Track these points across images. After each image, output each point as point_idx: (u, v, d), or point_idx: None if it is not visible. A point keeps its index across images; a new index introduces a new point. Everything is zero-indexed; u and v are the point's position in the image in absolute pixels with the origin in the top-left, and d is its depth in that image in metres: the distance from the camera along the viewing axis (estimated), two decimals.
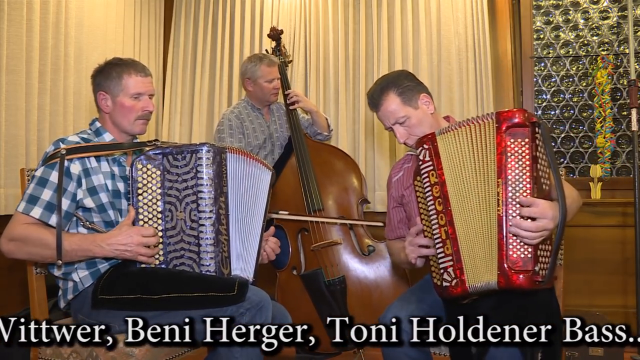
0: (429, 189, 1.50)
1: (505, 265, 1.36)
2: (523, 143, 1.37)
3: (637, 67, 2.63)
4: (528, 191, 1.35)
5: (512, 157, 1.37)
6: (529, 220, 1.34)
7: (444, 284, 1.45)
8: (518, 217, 1.35)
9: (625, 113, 3.01)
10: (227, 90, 3.35)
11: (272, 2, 3.30)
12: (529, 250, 1.35)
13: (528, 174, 1.36)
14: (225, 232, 1.63)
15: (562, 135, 3.17)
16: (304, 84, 3.23)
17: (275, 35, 2.86)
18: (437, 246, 1.48)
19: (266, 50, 2.93)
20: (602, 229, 2.83)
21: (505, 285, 1.36)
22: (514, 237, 1.36)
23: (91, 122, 1.79)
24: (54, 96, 2.60)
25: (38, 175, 1.58)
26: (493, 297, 1.45)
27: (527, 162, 1.36)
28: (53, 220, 1.55)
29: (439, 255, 1.47)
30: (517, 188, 1.36)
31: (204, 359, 1.78)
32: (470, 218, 1.44)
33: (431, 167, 1.50)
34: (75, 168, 1.61)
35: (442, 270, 1.46)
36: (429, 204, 1.50)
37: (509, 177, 1.37)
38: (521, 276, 1.34)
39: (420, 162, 1.53)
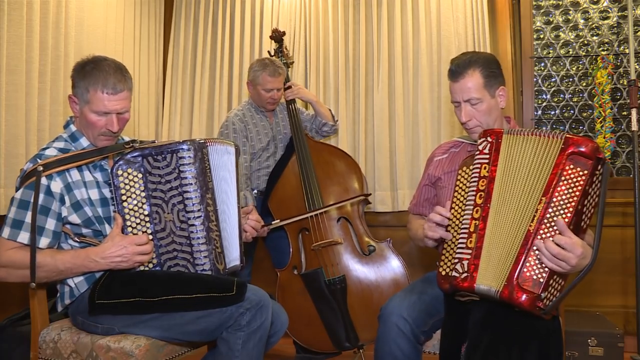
0: (475, 179, 1.50)
1: (515, 279, 1.35)
2: (581, 173, 1.35)
3: (637, 67, 2.63)
4: (567, 220, 1.34)
5: (565, 181, 1.36)
6: (558, 246, 1.32)
7: (453, 273, 1.45)
8: (548, 240, 1.33)
9: (625, 113, 3.01)
10: (227, 90, 3.35)
11: (272, 2, 3.30)
12: (544, 275, 1.34)
13: (574, 204, 1.34)
14: (216, 228, 1.62)
15: None
16: (304, 84, 3.23)
17: (278, 37, 2.86)
18: (461, 236, 1.48)
19: (268, 51, 2.93)
20: (602, 228, 2.82)
21: (507, 297, 1.35)
22: (535, 257, 1.35)
23: (66, 125, 1.70)
24: (54, 96, 2.59)
25: (18, 197, 1.52)
26: (488, 306, 1.44)
27: (577, 193, 1.34)
28: (42, 243, 1.51)
29: (459, 245, 1.47)
30: (557, 212, 1.35)
31: (202, 358, 1.79)
32: (502, 222, 1.43)
33: (486, 161, 1.50)
34: (57, 186, 1.55)
35: (456, 260, 1.46)
36: (469, 193, 1.50)
37: (554, 199, 1.36)
38: (525, 295, 1.33)
39: (478, 152, 1.53)
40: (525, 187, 1.42)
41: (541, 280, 1.34)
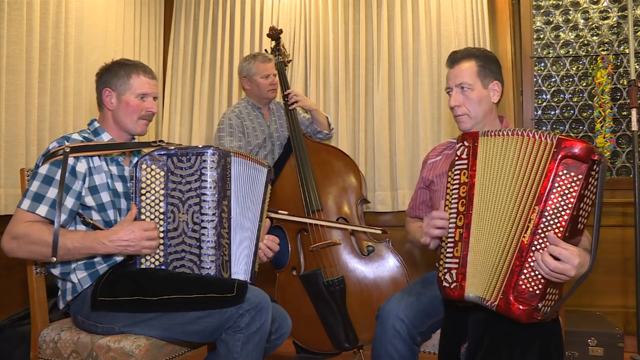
0: (456, 187, 1.47)
1: (511, 293, 1.31)
2: (575, 179, 1.26)
3: (637, 67, 2.63)
4: (562, 228, 1.28)
5: (558, 189, 1.28)
6: (554, 259, 1.27)
7: (444, 283, 1.45)
8: (544, 252, 1.28)
9: (625, 113, 3.01)
10: (227, 90, 3.35)
11: (272, 2, 3.30)
12: (540, 287, 1.29)
13: (568, 212, 1.27)
14: (227, 235, 1.63)
15: None
16: (304, 84, 3.23)
17: (275, 34, 2.86)
18: (448, 246, 1.46)
19: (265, 50, 2.93)
20: (602, 229, 2.78)
21: (503, 310, 1.33)
22: (530, 269, 1.30)
23: (89, 123, 1.80)
24: (54, 96, 2.60)
25: (43, 173, 1.56)
26: (488, 312, 1.43)
27: (572, 200, 1.26)
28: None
29: (447, 255, 1.45)
30: (551, 223, 1.28)
31: (204, 359, 1.79)
32: (489, 229, 1.39)
33: (465, 166, 1.46)
34: (82, 167, 1.62)
35: (446, 270, 1.45)
36: (453, 201, 1.48)
37: (547, 208, 1.28)
38: (522, 307, 1.30)
39: (456, 158, 1.49)
40: (512, 193, 1.36)
41: (537, 292, 1.29)
